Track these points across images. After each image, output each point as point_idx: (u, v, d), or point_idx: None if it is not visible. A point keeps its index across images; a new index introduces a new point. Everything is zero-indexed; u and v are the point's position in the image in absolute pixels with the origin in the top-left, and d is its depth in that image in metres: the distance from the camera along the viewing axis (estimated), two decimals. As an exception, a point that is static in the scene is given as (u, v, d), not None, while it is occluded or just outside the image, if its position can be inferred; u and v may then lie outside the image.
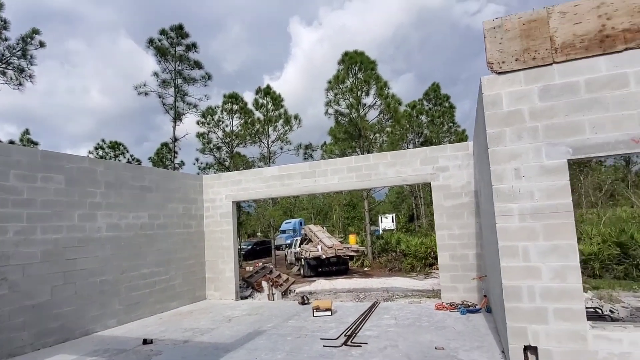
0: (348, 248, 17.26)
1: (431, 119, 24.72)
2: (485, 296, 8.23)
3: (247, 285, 12.02)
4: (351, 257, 18.26)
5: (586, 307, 7.85)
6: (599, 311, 7.68)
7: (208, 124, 21.11)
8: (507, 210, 4.90)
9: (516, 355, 4.77)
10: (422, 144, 24.76)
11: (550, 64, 4.64)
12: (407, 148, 23.02)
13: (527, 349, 4.77)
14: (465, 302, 8.51)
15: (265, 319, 8.29)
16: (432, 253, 16.13)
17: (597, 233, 13.95)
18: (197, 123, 21.25)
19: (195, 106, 20.12)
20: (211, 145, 21.31)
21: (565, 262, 4.66)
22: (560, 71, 4.63)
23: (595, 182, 24.68)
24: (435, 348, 5.78)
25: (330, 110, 20.15)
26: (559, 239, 4.69)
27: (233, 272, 10.93)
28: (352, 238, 20.51)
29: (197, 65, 19.71)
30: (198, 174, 20.56)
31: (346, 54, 19.68)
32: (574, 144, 4.62)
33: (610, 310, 8.13)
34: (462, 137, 25.55)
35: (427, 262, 16.81)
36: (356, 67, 19.45)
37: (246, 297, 11.35)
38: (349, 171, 9.94)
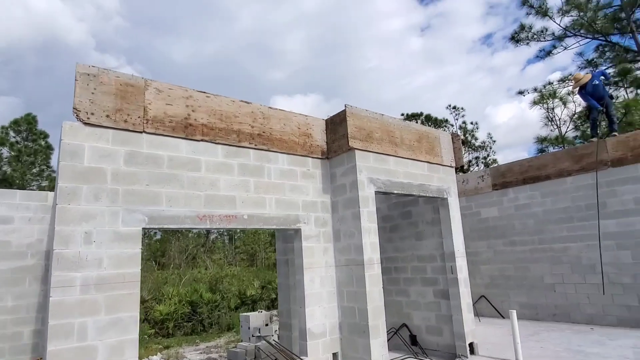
0: None
1: (17, 155, 19.99)
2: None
3: None
4: None
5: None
6: (159, 375, 7.97)
7: None
8: (68, 281, 4.16)
9: None
10: (0, 182, 19.28)
11: (141, 132, 4.71)
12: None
13: None
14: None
15: None
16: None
17: (176, 293, 15.37)
18: None
19: None
20: None
21: (124, 336, 4.40)
22: (148, 141, 4.78)
23: (181, 246, 28.16)
24: None
25: None
26: (122, 312, 4.42)
27: None
28: None
29: None
30: None
31: None
32: (150, 213, 4.72)
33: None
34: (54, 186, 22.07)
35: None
36: None
37: None
38: None
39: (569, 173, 9.46)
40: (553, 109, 15.63)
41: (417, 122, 35.39)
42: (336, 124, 6.25)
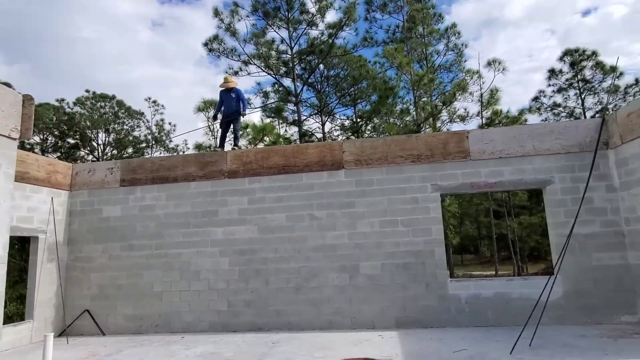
0: None
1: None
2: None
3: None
4: None
5: None
6: None
7: None
8: None
9: None
10: None
11: None
12: None
13: None
14: None
15: None
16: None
17: None
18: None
19: None
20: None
21: None
22: None
23: None
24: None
25: None
26: None
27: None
28: None
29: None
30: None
31: None
32: None
33: None
34: None
35: None
36: None
37: None
38: None
39: (194, 178, 9.31)
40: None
41: (108, 104, 30.70)
42: None
